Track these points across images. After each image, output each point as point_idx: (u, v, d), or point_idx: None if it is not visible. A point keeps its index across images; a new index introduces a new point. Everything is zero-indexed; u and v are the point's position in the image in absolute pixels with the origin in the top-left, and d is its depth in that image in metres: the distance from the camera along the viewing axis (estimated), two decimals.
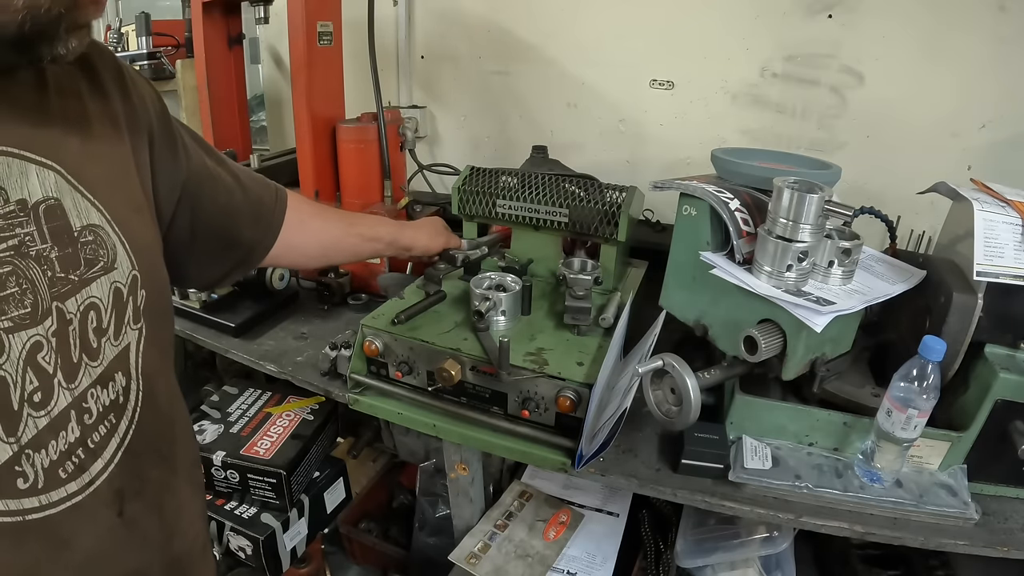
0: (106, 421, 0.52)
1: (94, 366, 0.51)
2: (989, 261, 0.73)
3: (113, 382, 0.52)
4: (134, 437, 0.55)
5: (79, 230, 0.50)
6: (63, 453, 0.48)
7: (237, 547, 1.17)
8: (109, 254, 0.52)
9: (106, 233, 0.52)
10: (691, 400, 0.75)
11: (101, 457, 0.51)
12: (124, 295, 0.53)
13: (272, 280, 1.22)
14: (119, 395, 0.53)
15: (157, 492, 0.59)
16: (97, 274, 0.51)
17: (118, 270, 0.53)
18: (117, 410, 0.53)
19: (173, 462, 0.62)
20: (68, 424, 0.48)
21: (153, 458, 0.58)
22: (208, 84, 1.44)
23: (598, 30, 1.42)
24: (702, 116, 1.38)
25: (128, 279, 0.54)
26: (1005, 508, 0.80)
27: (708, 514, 1.01)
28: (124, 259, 0.53)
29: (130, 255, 0.54)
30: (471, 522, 1.11)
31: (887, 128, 1.24)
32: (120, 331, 0.53)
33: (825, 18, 1.22)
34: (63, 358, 0.48)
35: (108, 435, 0.52)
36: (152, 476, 0.58)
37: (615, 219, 1.02)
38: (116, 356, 0.53)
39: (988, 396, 0.75)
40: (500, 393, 0.90)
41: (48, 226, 0.48)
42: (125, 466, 0.53)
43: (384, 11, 1.54)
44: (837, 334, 0.81)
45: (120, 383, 0.53)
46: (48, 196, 0.48)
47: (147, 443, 0.56)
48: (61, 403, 0.48)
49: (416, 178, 1.56)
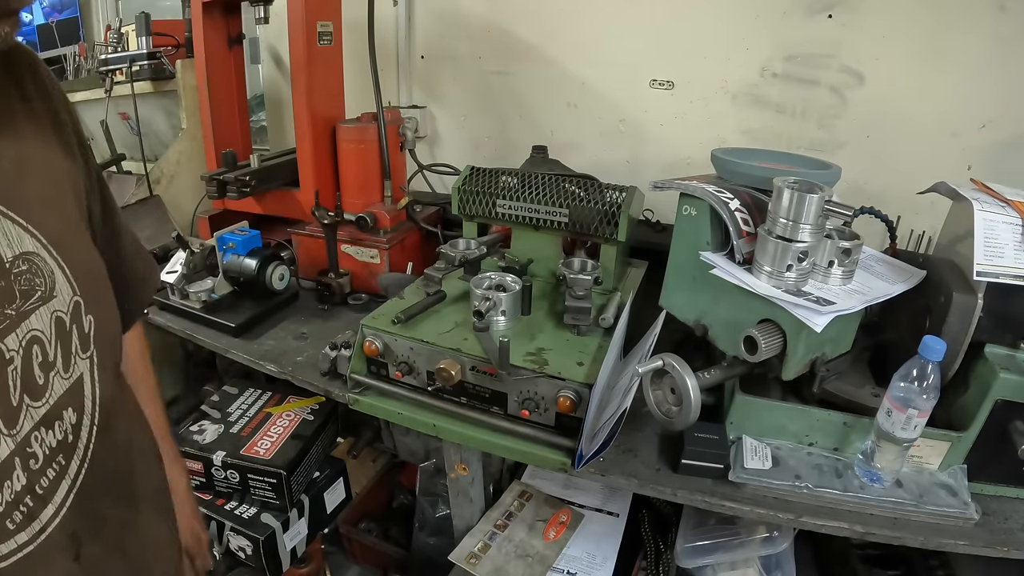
0: (54, 464, 0.48)
1: (37, 406, 0.46)
2: (989, 261, 0.73)
3: (60, 421, 0.49)
4: (87, 476, 0.51)
5: (11, 260, 0.45)
6: (9, 504, 0.44)
7: (237, 547, 1.17)
8: (47, 282, 0.48)
9: (42, 260, 0.48)
10: (691, 400, 0.75)
11: (51, 502, 0.48)
12: (67, 324, 0.49)
13: (272, 280, 1.22)
14: (67, 434, 0.49)
15: (117, 530, 0.56)
16: (35, 305, 0.47)
17: (58, 298, 0.49)
18: (66, 450, 0.49)
19: (133, 495, 0.58)
20: (13, 473, 0.44)
21: (110, 495, 0.55)
22: (208, 84, 1.44)
23: (598, 30, 1.42)
24: (702, 116, 1.38)
25: (70, 306, 0.50)
26: (1005, 508, 0.80)
27: (708, 514, 1.01)
28: (64, 285, 0.49)
29: (70, 280, 0.50)
30: (471, 522, 1.11)
31: (887, 128, 1.24)
32: (69, 363, 0.50)
33: (825, 18, 1.22)
34: (1, 403, 0.44)
35: (58, 478, 0.48)
36: (110, 515, 0.55)
37: (615, 219, 1.02)
38: (67, 391, 0.49)
39: (988, 396, 0.75)
40: (500, 393, 0.90)
41: None
42: (79, 508, 0.50)
43: (384, 11, 1.54)
44: (837, 334, 0.81)
45: (69, 420, 0.50)
46: None
47: (102, 480, 0.53)
48: (3, 451, 0.44)
49: (416, 178, 1.56)
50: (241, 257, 1.21)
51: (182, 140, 1.68)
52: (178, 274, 1.22)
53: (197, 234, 1.57)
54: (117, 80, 1.73)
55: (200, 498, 1.21)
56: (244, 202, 1.38)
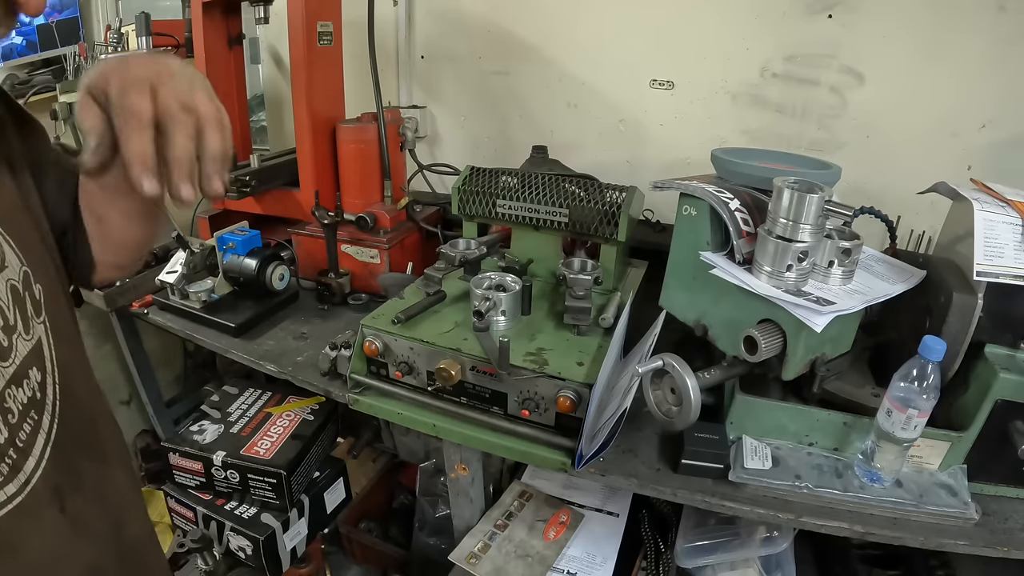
0: (28, 419, 0.51)
1: (5, 366, 0.49)
2: (989, 261, 0.73)
3: (27, 379, 0.52)
4: (59, 431, 0.54)
5: None
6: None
7: (237, 547, 1.17)
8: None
9: None
10: (691, 400, 0.75)
11: (32, 455, 0.50)
12: (20, 291, 0.53)
13: (272, 280, 1.22)
14: (35, 391, 0.53)
15: (96, 484, 0.58)
16: None
17: (9, 268, 0.52)
18: (37, 406, 0.53)
19: (103, 450, 0.62)
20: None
21: (83, 450, 0.58)
22: None
23: (598, 30, 1.42)
24: (702, 116, 1.38)
25: (20, 275, 0.53)
26: (1005, 508, 0.80)
27: (708, 514, 1.01)
28: (12, 257, 0.53)
29: (17, 252, 0.53)
30: (471, 522, 1.11)
31: (887, 128, 1.24)
32: (28, 326, 0.53)
33: (825, 18, 1.22)
34: None
35: (34, 432, 0.51)
36: (87, 468, 0.57)
37: (615, 219, 1.02)
38: (30, 352, 0.52)
39: (988, 396, 0.75)
40: (500, 393, 0.90)
41: None
42: (57, 461, 0.53)
43: (384, 11, 1.54)
44: (837, 334, 0.81)
45: (35, 379, 0.53)
46: None
47: (74, 436, 0.56)
48: None
49: (416, 178, 1.56)
50: (241, 257, 1.21)
51: None
52: (178, 274, 1.22)
53: (197, 234, 1.57)
54: None
55: (200, 498, 1.21)
56: (244, 202, 1.38)
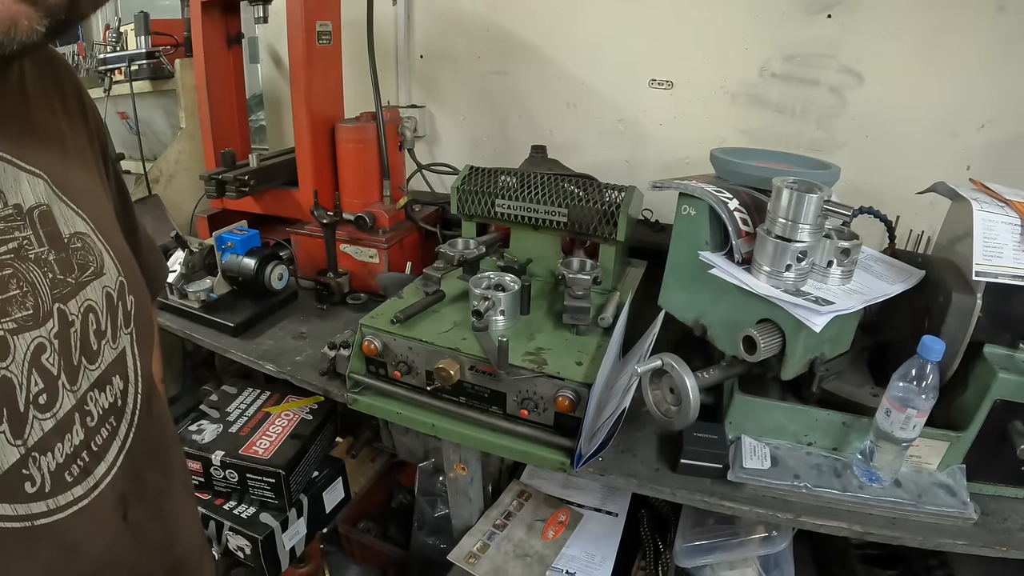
0: (107, 424, 0.52)
1: (92, 369, 0.51)
2: (988, 261, 0.73)
3: (110, 385, 0.53)
4: (134, 441, 0.55)
5: (68, 237, 0.50)
6: (68, 456, 0.48)
7: (236, 547, 1.17)
8: (97, 260, 0.53)
9: (92, 241, 0.53)
10: (690, 400, 0.75)
11: (104, 460, 0.51)
12: (115, 300, 0.54)
13: (271, 280, 1.22)
14: (117, 398, 0.54)
15: (157, 497, 0.59)
16: (90, 278, 0.52)
17: (107, 275, 0.53)
18: (116, 413, 0.54)
19: (169, 467, 0.62)
20: (73, 427, 0.48)
21: (152, 462, 0.58)
22: (207, 83, 1.44)
23: (597, 30, 1.42)
24: (701, 116, 1.39)
25: (116, 285, 0.54)
26: (1004, 508, 0.80)
27: (707, 514, 1.01)
28: (111, 266, 0.54)
29: (116, 263, 0.55)
30: (470, 522, 1.11)
31: (886, 128, 1.24)
32: (116, 335, 0.54)
33: (824, 18, 1.22)
34: (65, 360, 0.48)
35: (110, 438, 0.52)
36: (151, 480, 0.58)
37: (614, 219, 1.02)
38: (114, 359, 0.53)
39: (987, 396, 0.75)
40: (499, 393, 0.90)
41: (43, 230, 0.48)
42: (127, 470, 0.54)
43: (383, 10, 1.54)
44: (836, 334, 0.81)
45: (118, 386, 0.54)
46: (40, 202, 0.48)
47: (146, 447, 0.57)
48: (66, 405, 0.48)
49: (415, 178, 1.55)
50: (240, 256, 1.21)
51: (181, 140, 1.67)
52: (177, 273, 1.21)
53: (196, 233, 1.56)
54: (116, 79, 1.73)
55: (199, 498, 1.20)
56: (243, 202, 1.38)
